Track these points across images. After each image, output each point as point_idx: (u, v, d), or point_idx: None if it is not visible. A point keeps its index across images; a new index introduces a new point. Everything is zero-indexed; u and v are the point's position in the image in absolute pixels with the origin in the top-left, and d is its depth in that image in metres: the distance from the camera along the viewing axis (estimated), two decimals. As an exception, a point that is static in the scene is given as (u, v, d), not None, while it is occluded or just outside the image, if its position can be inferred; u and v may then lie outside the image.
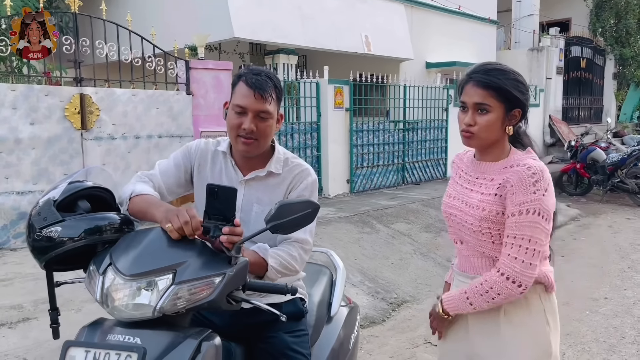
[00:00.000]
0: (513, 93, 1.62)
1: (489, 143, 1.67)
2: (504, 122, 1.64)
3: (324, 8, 9.27)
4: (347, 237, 5.83)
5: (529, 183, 1.55)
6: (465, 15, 12.56)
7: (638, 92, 17.25)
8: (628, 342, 3.78)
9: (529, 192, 1.55)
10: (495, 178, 1.65)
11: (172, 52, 6.14)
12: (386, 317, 4.39)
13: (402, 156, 9.41)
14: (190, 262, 1.51)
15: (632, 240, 6.75)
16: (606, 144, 10.00)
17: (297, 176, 1.89)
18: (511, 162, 1.65)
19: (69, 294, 3.67)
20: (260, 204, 1.86)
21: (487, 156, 1.71)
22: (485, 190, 1.66)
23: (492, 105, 1.61)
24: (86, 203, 1.69)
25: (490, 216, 1.62)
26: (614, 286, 4.99)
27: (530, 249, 1.55)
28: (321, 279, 2.43)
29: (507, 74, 1.63)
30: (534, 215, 1.54)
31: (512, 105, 1.63)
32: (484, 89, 1.61)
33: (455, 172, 1.86)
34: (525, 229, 1.54)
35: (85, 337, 1.44)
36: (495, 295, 1.58)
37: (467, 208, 1.69)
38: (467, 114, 1.65)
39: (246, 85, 1.79)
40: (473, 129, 1.63)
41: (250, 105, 1.78)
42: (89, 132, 5.41)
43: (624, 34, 15.69)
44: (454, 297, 1.71)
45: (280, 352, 1.83)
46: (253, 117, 1.78)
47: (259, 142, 1.82)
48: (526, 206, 1.54)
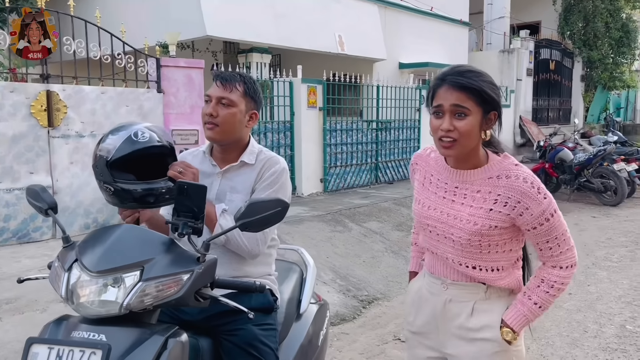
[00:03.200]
0: (490, 94, 1.55)
1: (469, 150, 1.59)
2: (482, 126, 1.57)
3: (298, 7, 9.27)
4: (319, 236, 5.85)
5: (535, 193, 1.56)
6: (437, 17, 12.72)
7: (605, 94, 17.71)
8: (590, 336, 3.89)
9: (540, 201, 1.56)
10: (483, 190, 1.61)
11: (143, 50, 6.07)
12: (357, 315, 4.43)
13: (375, 155, 9.48)
14: (158, 259, 1.51)
15: (597, 238, 6.94)
16: (574, 145, 10.24)
17: (266, 164, 1.98)
18: (496, 171, 1.61)
19: (34, 294, 3.61)
20: (233, 192, 1.96)
21: (464, 164, 1.64)
22: (475, 204, 1.61)
23: (470, 109, 1.53)
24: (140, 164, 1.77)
25: (482, 230, 1.59)
26: (578, 282, 5.13)
27: (568, 237, 1.63)
28: (291, 276, 2.45)
29: (483, 76, 1.57)
30: (555, 215, 1.59)
31: (489, 107, 1.56)
32: (461, 91, 1.52)
33: (422, 176, 1.78)
34: (557, 228, 1.60)
35: (49, 334, 1.43)
36: (561, 286, 1.64)
37: (455, 221, 1.63)
38: (444, 119, 1.54)
39: (213, 78, 1.98)
40: (453, 134, 1.53)
41: (213, 92, 1.94)
42: (56, 129, 5.31)
43: (591, 37, 16.07)
44: (519, 314, 1.65)
45: (248, 344, 1.84)
46: (215, 103, 1.93)
47: (221, 128, 1.93)
48: (547, 213, 1.57)
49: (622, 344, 3.75)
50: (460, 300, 1.70)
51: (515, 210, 1.57)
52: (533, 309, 1.64)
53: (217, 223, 1.86)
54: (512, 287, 1.71)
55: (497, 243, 1.63)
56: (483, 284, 1.68)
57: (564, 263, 1.63)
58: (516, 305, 1.66)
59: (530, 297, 1.65)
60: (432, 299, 1.77)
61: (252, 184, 1.95)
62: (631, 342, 3.77)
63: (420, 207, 1.75)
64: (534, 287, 1.65)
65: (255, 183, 1.95)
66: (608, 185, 9.08)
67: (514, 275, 1.71)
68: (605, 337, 3.88)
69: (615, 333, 3.94)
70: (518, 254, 1.72)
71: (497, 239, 1.62)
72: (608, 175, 9.10)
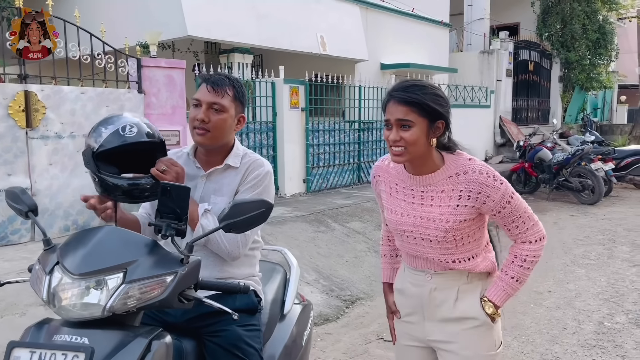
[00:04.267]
0: (432, 106, 1.67)
1: (419, 156, 1.72)
2: (429, 134, 1.69)
3: (279, 8, 9.26)
4: (302, 236, 5.85)
5: (492, 182, 1.71)
6: (418, 18, 12.80)
7: (582, 94, 18.00)
8: (569, 333, 3.96)
9: (498, 188, 1.71)
10: (446, 189, 1.74)
11: (123, 50, 6.01)
12: (340, 315, 4.44)
13: (358, 156, 9.51)
14: (141, 260, 1.50)
15: (575, 236, 7.06)
16: (552, 144, 10.39)
17: (250, 166, 1.98)
18: (454, 169, 1.74)
19: (13, 297, 3.55)
20: (217, 195, 1.95)
21: (421, 169, 1.77)
22: (443, 203, 1.74)
23: (413, 121, 1.67)
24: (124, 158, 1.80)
25: (454, 226, 1.72)
26: (558, 280, 5.22)
27: (530, 214, 1.78)
28: (275, 277, 2.45)
29: (426, 89, 1.70)
30: (514, 197, 1.74)
31: (433, 117, 1.69)
32: (405, 105, 1.67)
33: (387, 187, 1.88)
34: (518, 207, 1.75)
35: (30, 338, 1.41)
36: (534, 259, 1.78)
37: (428, 222, 1.75)
38: (392, 131, 1.70)
39: (203, 82, 1.95)
40: (400, 143, 1.68)
41: (204, 97, 1.91)
42: (34, 130, 5.23)
43: (569, 38, 16.32)
44: (499, 288, 1.80)
45: (232, 345, 1.84)
46: (206, 108, 1.90)
47: (212, 134, 1.91)
48: (506, 197, 1.72)
49: (601, 340, 3.82)
50: (445, 288, 1.82)
51: (477, 200, 1.71)
52: (511, 283, 1.79)
53: (198, 223, 1.85)
54: (488, 269, 1.86)
55: (469, 234, 1.77)
56: (464, 270, 1.81)
57: (532, 237, 1.78)
58: (496, 282, 1.81)
59: (507, 272, 1.80)
60: (416, 290, 1.87)
61: (236, 186, 1.95)
62: (609, 339, 3.85)
63: (393, 215, 1.84)
64: (509, 263, 1.81)
65: (239, 185, 1.95)
66: (586, 184, 9.24)
67: (488, 258, 1.87)
68: (584, 333, 3.95)
69: (594, 330, 4.02)
70: (486, 237, 1.88)
71: (467, 230, 1.76)
72: (586, 174, 9.26)
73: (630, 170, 10.07)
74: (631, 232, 7.24)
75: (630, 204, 9.41)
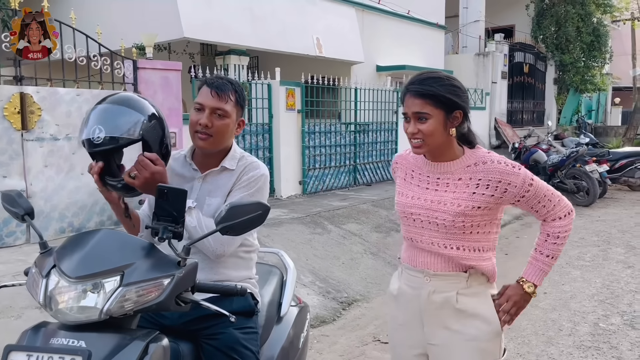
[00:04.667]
0: (448, 97, 1.71)
1: (438, 146, 1.76)
2: (447, 125, 1.73)
3: (275, 10, 9.27)
4: (298, 238, 5.85)
5: (510, 168, 1.74)
6: (414, 20, 12.84)
7: (577, 96, 18.08)
8: (565, 335, 3.98)
9: (517, 173, 1.74)
10: (464, 177, 1.77)
11: (119, 52, 6.00)
12: (336, 317, 4.44)
13: (354, 158, 9.52)
14: (138, 263, 1.50)
15: (570, 238, 7.04)
16: (547, 146, 10.44)
17: (246, 168, 1.98)
18: (473, 159, 1.78)
19: (8, 300, 3.54)
20: (212, 196, 1.95)
21: (441, 157, 1.80)
22: (458, 190, 1.76)
23: (430, 113, 1.71)
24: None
25: (465, 211, 1.73)
26: (553, 281, 5.23)
27: (554, 191, 1.82)
28: (271, 279, 2.45)
29: (441, 81, 1.73)
30: (535, 179, 1.77)
31: (450, 108, 1.72)
32: (421, 98, 1.71)
33: (403, 173, 1.92)
34: (542, 188, 1.78)
35: (27, 341, 1.41)
36: (566, 233, 1.81)
37: (439, 206, 1.77)
38: (410, 124, 1.74)
39: (206, 86, 1.93)
40: (419, 135, 1.73)
41: (207, 102, 1.90)
42: (29, 132, 5.21)
43: (563, 41, 16.40)
44: (536, 268, 1.84)
45: (230, 347, 1.84)
46: (210, 113, 1.90)
47: (214, 139, 1.92)
48: (527, 180, 1.75)
49: (596, 342, 3.84)
50: (443, 291, 1.80)
51: (497, 189, 1.74)
52: (547, 261, 1.83)
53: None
54: (489, 273, 1.83)
55: (479, 224, 1.77)
56: (464, 272, 1.79)
57: (561, 213, 1.81)
58: (532, 262, 1.85)
59: (541, 252, 1.84)
60: (414, 293, 1.85)
61: (230, 187, 1.95)
62: (604, 340, 3.86)
63: (403, 198, 1.88)
64: (543, 242, 1.84)
65: (232, 186, 1.96)
66: (580, 186, 9.28)
67: (492, 261, 1.85)
68: (579, 335, 3.96)
69: (589, 331, 4.03)
70: (496, 237, 1.87)
71: (478, 219, 1.76)
72: (580, 176, 9.30)
73: (625, 172, 10.12)
74: (626, 233, 7.27)
75: (624, 205, 9.45)
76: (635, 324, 4.14)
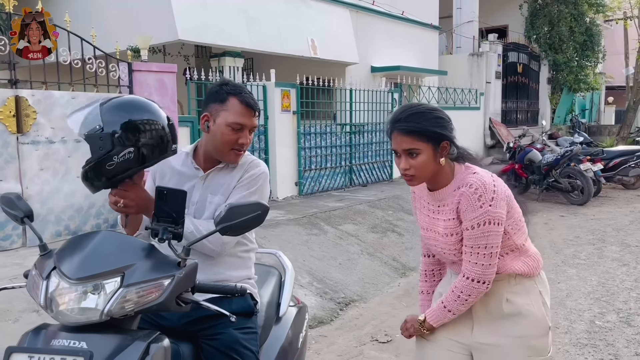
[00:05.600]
0: (435, 131, 1.74)
1: (431, 177, 1.81)
2: (436, 156, 1.76)
3: (270, 11, 9.28)
4: (295, 239, 5.86)
5: (474, 199, 1.73)
6: (408, 21, 12.88)
7: (570, 96, 18.16)
8: (561, 332, 4.00)
9: (476, 208, 1.73)
10: (450, 203, 1.81)
11: (114, 54, 5.99)
12: (334, 317, 4.45)
13: (350, 159, 9.54)
14: (138, 264, 1.51)
15: (565, 236, 7.13)
16: (542, 145, 10.47)
17: (248, 166, 2.01)
18: (458, 183, 1.80)
19: (6, 304, 3.53)
20: (213, 194, 1.98)
21: (436, 185, 1.84)
22: (446, 217, 1.81)
23: (420, 148, 1.74)
24: None
25: (458, 239, 1.79)
26: (549, 280, 5.21)
27: (487, 254, 1.75)
28: (270, 280, 2.46)
29: (425, 115, 1.75)
30: (485, 226, 1.73)
31: (438, 141, 1.75)
32: (409, 135, 1.74)
33: (418, 203, 1.98)
34: (480, 239, 1.74)
35: (28, 343, 1.41)
36: (467, 297, 1.78)
37: (439, 237, 1.84)
38: (401, 160, 1.78)
39: (243, 104, 1.92)
40: (410, 172, 1.77)
41: (248, 122, 1.94)
42: (25, 135, 5.20)
43: (557, 41, 16.47)
44: (435, 311, 1.86)
45: (229, 348, 1.85)
46: (249, 132, 1.96)
47: (245, 152, 2.01)
48: (476, 220, 1.73)
49: (592, 339, 3.86)
50: (494, 291, 1.82)
51: (460, 214, 1.77)
52: (444, 312, 1.84)
53: None
54: (523, 271, 1.83)
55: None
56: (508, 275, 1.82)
57: (470, 273, 1.77)
58: (437, 306, 1.86)
59: (443, 301, 1.84)
60: None
61: (233, 185, 1.97)
62: (600, 337, 3.89)
63: (422, 231, 1.96)
64: (448, 294, 1.83)
65: (235, 184, 1.98)
66: (575, 184, 9.33)
67: (521, 259, 1.84)
68: (575, 332, 3.99)
69: (585, 329, 4.06)
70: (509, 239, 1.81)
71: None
72: (575, 175, 9.34)
73: (619, 170, 10.17)
74: (620, 231, 7.31)
75: (618, 204, 9.51)
76: (631, 321, 4.17)
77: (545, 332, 1.83)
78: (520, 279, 1.83)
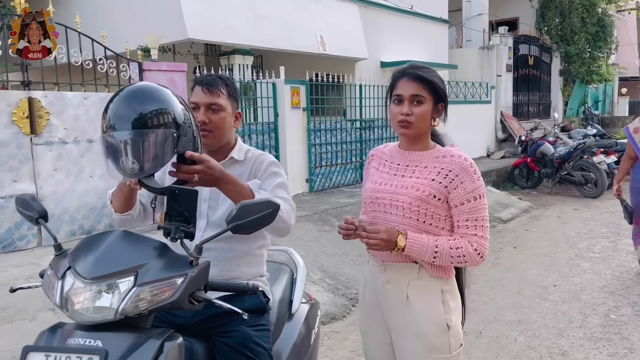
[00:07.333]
0: (440, 86, 1.84)
1: (421, 133, 1.85)
2: (432, 114, 1.84)
3: (278, 8, 9.28)
4: (307, 236, 5.88)
5: (472, 172, 1.80)
6: (417, 15, 12.80)
7: (583, 88, 17.98)
8: (575, 327, 3.98)
9: (474, 180, 1.79)
10: (430, 165, 1.83)
11: (124, 54, 6.04)
12: (346, 313, 4.46)
13: (360, 154, 9.52)
14: (151, 263, 1.52)
15: (579, 230, 7.07)
16: (554, 138, 10.40)
17: (257, 159, 2.04)
18: (442, 152, 1.85)
19: (22, 303, 3.58)
20: None
21: (415, 146, 1.89)
22: (421, 175, 1.83)
23: (425, 97, 1.81)
24: None
25: (422, 196, 1.79)
26: (563, 274, 5.23)
27: (487, 227, 1.82)
28: (282, 277, 2.47)
29: (434, 72, 1.86)
30: (483, 199, 1.81)
31: (438, 99, 1.84)
32: (418, 82, 1.81)
33: (377, 163, 2.00)
34: (482, 211, 1.80)
35: (45, 342, 1.44)
36: (463, 262, 1.79)
37: (400, 189, 1.84)
38: (403, 106, 1.82)
39: (197, 84, 2.00)
40: (410, 118, 1.80)
41: (200, 99, 1.97)
42: (38, 137, 5.26)
43: (568, 32, 16.30)
44: (422, 244, 1.75)
45: (242, 345, 1.86)
46: (205, 110, 1.96)
47: (214, 134, 1.97)
48: (477, 192, 1.79)
49: (607, 333, 3.83)
50: (396, 281, 1.87)
51: (452, 182, 1.78)
52: (429, 256, 1.75)
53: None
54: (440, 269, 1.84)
55: (432, 215, 1.81)
56: (415, 263, 1.83)
57: (480, 248, 1.79)
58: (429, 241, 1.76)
59: (437, 248, 1.76)
60: (373, 281, 1.95)
61: (245, 179, 1.96)
62: (615, 331, 3.86)
63: (372, 184, 1.95)
64: (450, 247, 1.76)
65: (249, 179, 1.97)
66: (588, 177, 9.24)
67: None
68: (590, 326, 3.96)
69: (600, 322, 4.03)
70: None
71: (433, 209, 1.80)
72: (588, 167, 9.26)
73: (633, 162, 10.04)
74: (635, 224, 7.23)
75: (633, 196, 9.40)
76: (646, 314, 4.14)
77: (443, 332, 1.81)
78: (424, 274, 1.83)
